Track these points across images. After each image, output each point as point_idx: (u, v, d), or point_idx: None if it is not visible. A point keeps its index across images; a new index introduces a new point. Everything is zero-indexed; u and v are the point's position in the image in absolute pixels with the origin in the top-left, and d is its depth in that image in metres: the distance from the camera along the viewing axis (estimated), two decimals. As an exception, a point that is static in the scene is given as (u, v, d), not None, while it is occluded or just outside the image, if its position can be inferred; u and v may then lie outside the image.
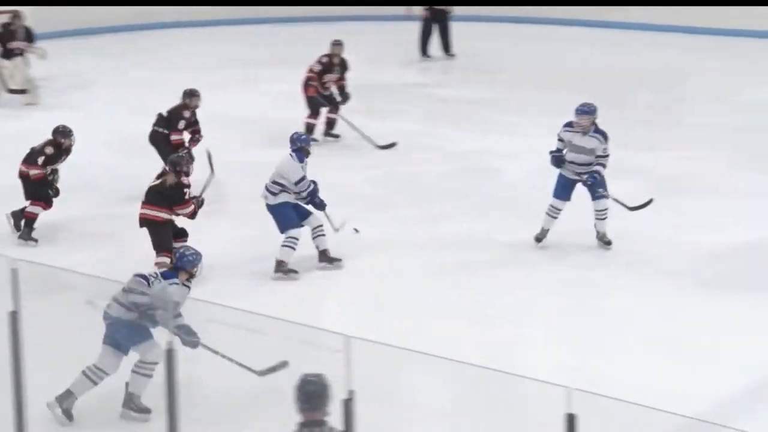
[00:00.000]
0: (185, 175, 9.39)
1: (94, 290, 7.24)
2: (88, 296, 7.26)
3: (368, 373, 5.31)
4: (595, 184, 9.78)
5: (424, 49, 18.88)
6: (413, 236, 10.51)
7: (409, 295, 9.26)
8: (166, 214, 9.32)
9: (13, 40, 15.57)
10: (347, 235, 10.10)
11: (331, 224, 9.88)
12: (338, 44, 13.82)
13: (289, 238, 9.52)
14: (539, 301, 9.10)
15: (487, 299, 9.13)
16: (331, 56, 13.74)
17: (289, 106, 14.43)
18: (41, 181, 10.37)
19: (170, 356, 5.58)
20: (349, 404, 5.26)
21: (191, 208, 9.41)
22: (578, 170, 9.86)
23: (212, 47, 19.78)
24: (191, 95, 11.73)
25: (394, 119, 14.75)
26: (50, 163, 10.41)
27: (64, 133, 10.47)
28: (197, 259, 7.51)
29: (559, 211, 10.01)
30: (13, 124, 14.45)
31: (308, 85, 13.59)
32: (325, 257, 9.76)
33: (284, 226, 9.56)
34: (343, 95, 13.73)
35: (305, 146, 9.71)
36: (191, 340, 7.07)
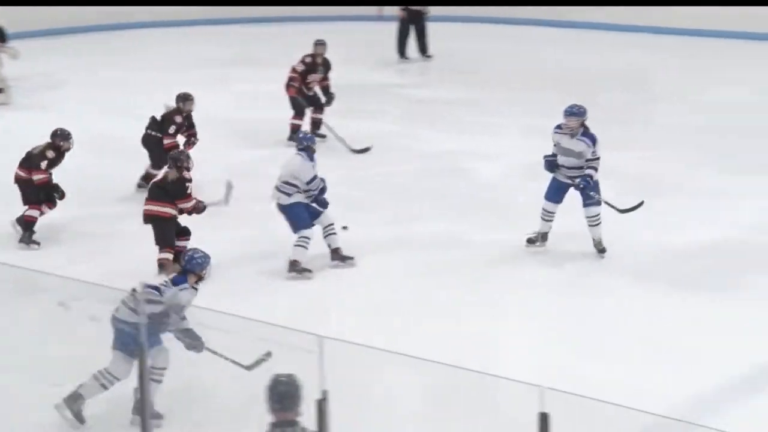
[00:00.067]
0: (186, 170, 9.50)
1: (66, 292, 7.19)
2: (60, 298, 7.22)
3: (343, 373, 5.31)
4: (587, 187, 9.72)
5: (401, 50, 18.62)
6: (396, 237, 10.49)
7: (396, 295, 9.26)
8: (170, 209, 9.43)
9: (-16, 40, 15.53)
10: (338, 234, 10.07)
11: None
12: (321, 44, 13.69)
13: (301, 237, 9.59)
14: (529, 300, 9.14)
15: (477, 300, 9.13)
16: (314, 56, 13.62)
17: (258, 106, 14.37)
18: (46, 185, 10.39)
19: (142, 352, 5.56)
20: (322, 404, 5.27)
21: (193, 202, 9.52)
22: (569, 174, 9.81)
23: (184, 47, 19.70)
24: (185, 99, 11.65)
25: (371, 120, 14.69)
26: (53, 166, 10.44)
27: (63, 136, 10.45)
28: (206, 261, 7.47)
29: (551, 213, 9.96)
30: (-16, 124, 14.38)
31: (290, 85, 13.44)
32: (337, 255, 9.82)
33: (297, 226, 9.63)
34: (327, 95, 13.62)
35: (311, 145, 9.82)
36: (196, 343, 7.04)
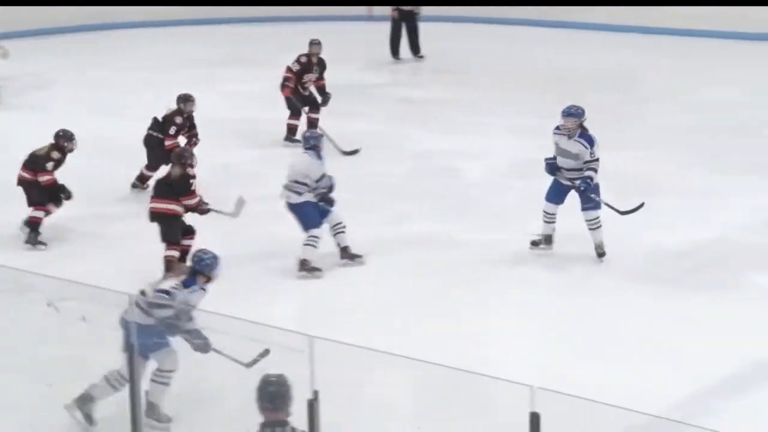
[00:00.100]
0: (190, 167, 9.55)
1: (55, 292, 7.17)
2: (48, 298, 7.19)
3: (333, 373, 5.30)
4: (587, 189, 9.67)
5: (395, 50, 18.46)
6: (394, 237, 10.49)
7: (395, 295, 9.27)
8: (176, 206, 9.47)
9: (-27, 40, 15.51)
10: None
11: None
12: (317, 44, 13.65)
13: (311, 236, 9.61)
14: (528, 301, 9.15)
15: (476, 300, 9.14)
16: (309, 56, 13.58)
17: (251, 106, 14.35)
18: (53, 186, 10.39)
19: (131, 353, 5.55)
20: (313, 404, 5.26)
21: (197, 199, 9.56)
22: (569, 176, 9.77)
23: (172, 47, 19.63)
24: (185, 100, 11.68)
25: (363, 121, 14.66)
26: (59, 167, 10.46)
27: (66, 136, 10.48)
28: (215, 262, 7.45)
29: (552, 215, 9.91)
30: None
31: (285, 85, 13.40)
32: (346, 254, 9.84)
33: (307, 224, 9.66)
34: (323, 95, 13.59)
35: (318, 143, 9.87)
36: (202, 343, 7.00)
